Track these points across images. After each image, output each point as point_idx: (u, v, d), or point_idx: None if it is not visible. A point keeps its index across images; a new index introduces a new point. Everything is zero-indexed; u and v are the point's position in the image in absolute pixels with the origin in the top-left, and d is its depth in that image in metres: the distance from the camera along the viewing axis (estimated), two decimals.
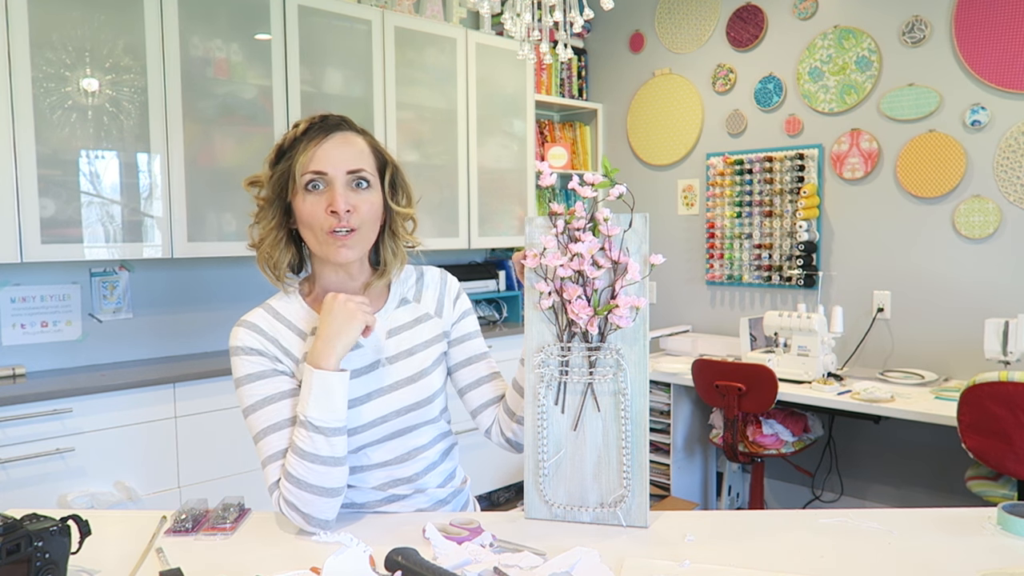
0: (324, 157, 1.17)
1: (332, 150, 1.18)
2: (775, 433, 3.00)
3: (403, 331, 1.28)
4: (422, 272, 1.36)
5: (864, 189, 3.40)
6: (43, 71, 2.40)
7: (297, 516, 1.13)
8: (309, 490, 1.11)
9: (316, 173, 1.17)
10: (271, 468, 1.16)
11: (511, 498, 3.76)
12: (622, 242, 1.15)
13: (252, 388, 1.18)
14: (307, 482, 1.11)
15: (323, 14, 3.07)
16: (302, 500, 1.12)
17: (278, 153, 1.22)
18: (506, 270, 3.98)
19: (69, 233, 2.50)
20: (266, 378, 1.18)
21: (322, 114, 1.23)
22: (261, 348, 1.19)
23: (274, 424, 1.17)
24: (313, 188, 1.18)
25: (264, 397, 1.18)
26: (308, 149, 1.18)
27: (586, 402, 1.17)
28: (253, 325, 1.21)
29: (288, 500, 1.13)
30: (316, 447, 1.12)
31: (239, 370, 1.19)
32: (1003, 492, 2.48)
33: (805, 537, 1.11)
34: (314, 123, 1.21)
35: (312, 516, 1.13)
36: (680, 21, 4.01)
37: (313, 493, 1.12)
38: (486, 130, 3.73)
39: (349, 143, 1.21)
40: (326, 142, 1.19)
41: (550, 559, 1.02)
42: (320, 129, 1.20)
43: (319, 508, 1.13)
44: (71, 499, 2.31)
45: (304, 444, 1.12)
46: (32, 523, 0.93)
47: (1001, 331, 2.73)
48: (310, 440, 1.12)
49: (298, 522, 1.14)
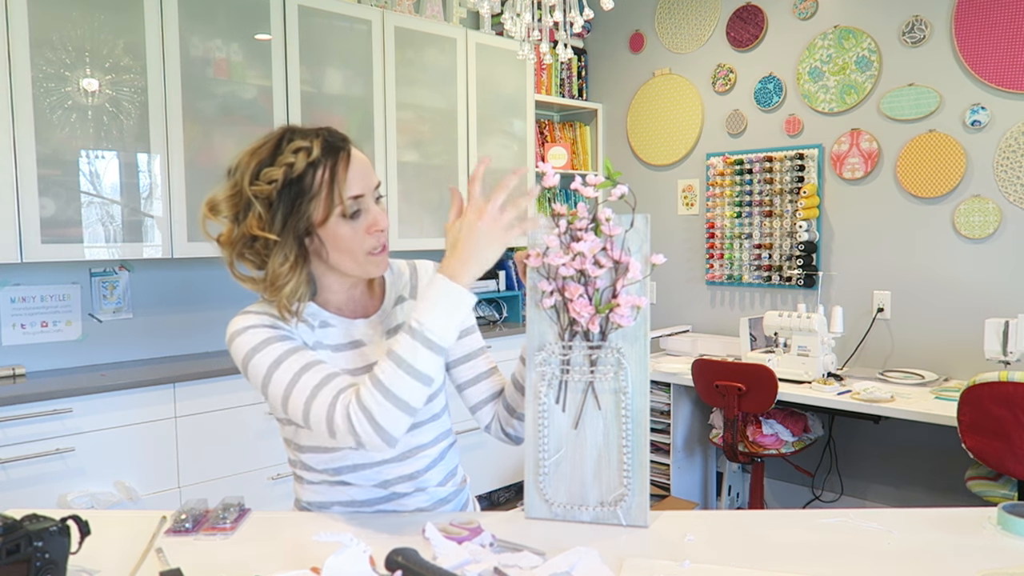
0: (357, 177, 1.13)
1: (360, 169, 1.14)
2: (775, 433, 3.00)
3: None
4: (415, 267, 1.35)
5: (864, 189, 3.40)
6: (43, 71, 2.40)
7: (367, 425, 1.04)
8: (393, 400, 1.03)
9: (356, 197, 1.13)
10: (324, 392, 1.07)
11: (511, 498, 3.76)
12: (623, 242, 1.16)
13: (269, 349, 1.12)
14: (394, 392, 1.03)
15: (323, 14, 3.07)
16: (381, 410, 1.03)
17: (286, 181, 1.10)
18: (506, 270, 3.98)
19: (69, 233, 2.50)
20: (280, 340, 1.13)
21: (324, 131, 1.15)
22: (269, 323, 1.15)
23: (307, 364, 1.10)
24: (356, 215, 1.13)
25: (287, 350, 1.11)
26: (339, 174, 1.11)
27: (587, 400, 1.18)
28: (256, 311, 1.18)
29: (365, 405, 1.04)
30: (416, 358, 1.04)
31: (248, 343, 1.12)
32: (1003, 492, 2.48)
33: (805, 537, 1.11)
34: (326, 142, 1.12)
35: (384, 428, 1.04)
36: (680, 21, 4.01)
37: (395, 405, 1.04)
38: (486, 130, 3.73)
39: (364, 158, 1.18)
40: (354, 162, 1.14)
41: (550, 559, 1.02)
42: (340, 150, 1.13)
43: (394, 422, 1.04)
44: (71, 499, 2.31)
45: (404, 352, 1.04)
46: (32, 523, 0.93)
47: (1001, 331, 2.73)
48: (413, 350, 1.04)
49: (366, 432, 1.04)
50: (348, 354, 1.23)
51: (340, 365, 1.21)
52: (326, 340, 1.22)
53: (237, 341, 1.14)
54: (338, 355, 1.22)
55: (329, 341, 1.22)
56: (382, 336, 1.26)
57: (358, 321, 1.25)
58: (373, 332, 1.26)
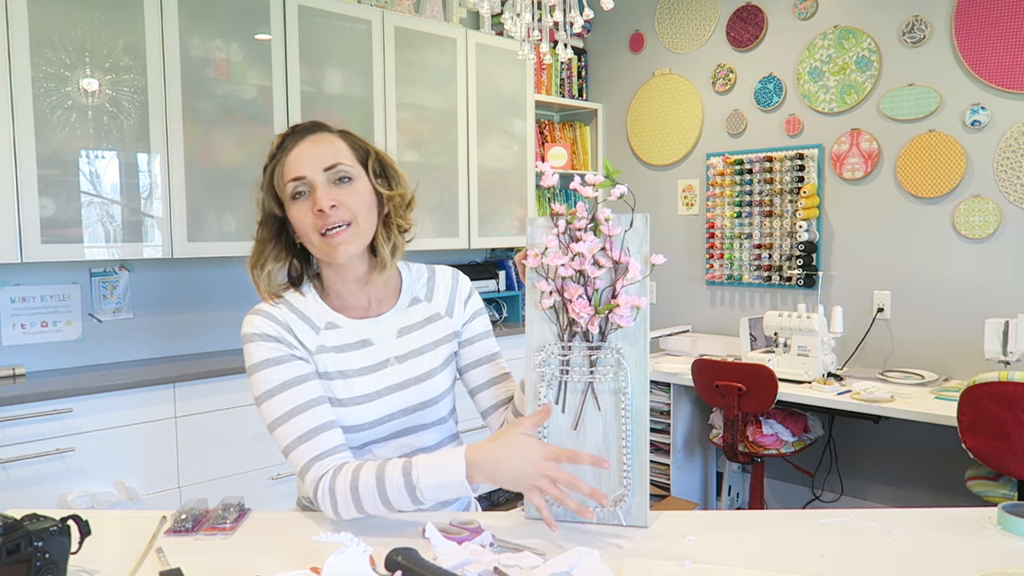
0: (297, 161, 1.18)
1: (305, 153, 1.19)
2: (775, 433, 3.00)
3: (413, 331, 1.29)
4: (433, 271, 1.36)
5: (864, 189, 3.40)
6: (43, 71, 2.40)
7: (329, 506, 1.12)
8: (359, 509, 1.11)
9: (296, 179, 1.18)
10: (302, 448, 1.14)
11: (511, 498, 3.76)
12: (623, 242, 1.16)
13: (270, 373, 1.17)
14: (364, 507, 1.11)
15: (323, 14, 3.07)
16: (346, 507, 1.11)
17: (264, 171, 1.23)
18: (506, 270, 3.98)
19: (69, 233, 2.50)
20: (284, 363, 1.18)
21: (294, 125, 1.24)
22: (277, 335, 1.19)
23: (298, 407, 1.16)
24: (298, 196, 1.18)
25: (283, 381, 1.17)
26: (282, 160, 1.19)
27: (587, 401, 1.17)
28: (268, 313, 1.21)
29: (335, 493, 1.11)
30: (399, 499, 1.10)
31: (254, 356, 1.18)
32: (1003, 492, 2.48)
33: (805, 537, 1.11)
34: (286, 134, 1.22)
35: (341, 515, 1.13)
36: (680, 21, 4.01)
37: (359, 511, 1.12)
38: (486, 130, 3.73)
39: (322, 142, 1.21)
40: (298, 147, 1.20)
41: (550, 559, 1.02)
42: (291, 138, 1.21)
43: (352, 515, 1.13)
44: (71, 499, 2.31)
45: (390, 487, 1.09)
46: (32, 523, 0.93)
47: (1001, 331, 2.73)
48: (398, 492, 1.09)
49: (325, 507, 1.13)
50: (355, 353, 1.24)
51: (346, 364, 1.22)
52: (329, 342, 1.23)
53: (246, 346, 1.20)
54: (343, 356, 1.23)
55: (333, 343, 1.23)
56: (393, 334, 1.27)
57: (367, 320, 1.26)
58: (383, 331, 1.27)
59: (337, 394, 1.21)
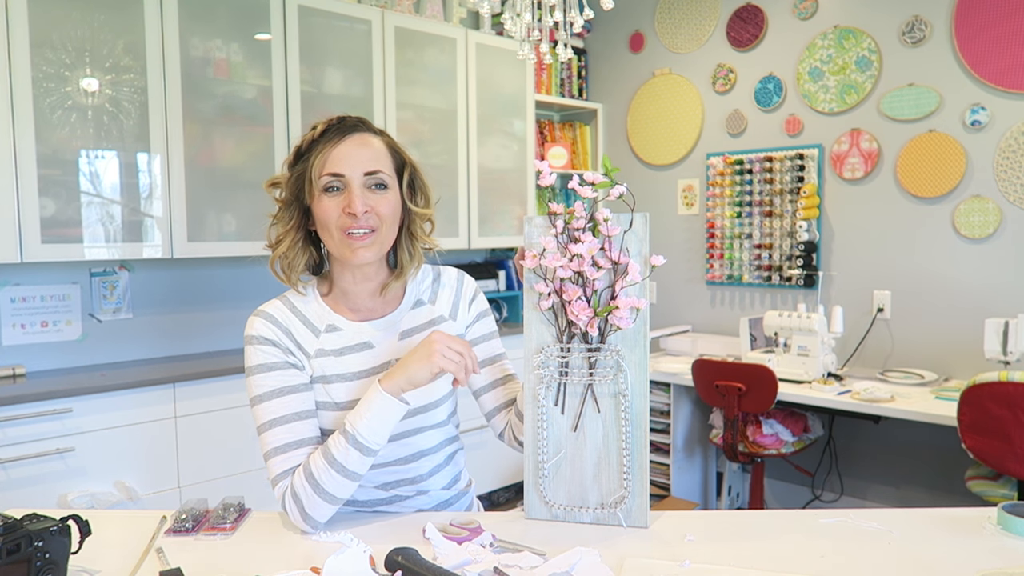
0: (341, 158, 1.18)
1: (349, 151, 1.19)
2: (775, 433, 3.00)
3: (416, 333, 1.28)
4: (439, 273, 1.36)
5: (864, 189, 3.40)
6: (43, 71, 2.40)
7: (297, 512, 1.14)
8: (322, 495, 1.12)
9: (333, 175, 1.18)
10: (277, 460, 1.17)
11: (511, 498, 3.76)
12: (622, 243, 1.15)
13: (262, 378, 1.19)
14: (324, 488, 1.12)
15: (323, 14, 3.07)
16: (310, 501, 1.12)
17: (296, 155, 1.22)
18: (506, 270, 3.98)
19: (69, 233, 2.50)
20: (277, 370, 1.19)
21: (339, 115, 1.23)
22: (275, 339, 1.20)
23: (280, 417, 1.18)
24: (331, 190, 1.18)
25: (273, 389, 1.18)
26: (325, 151, 1.18)
27: (586, 403, 1.17)
28: (269, 315, 1.22)
29: (296, 495, 1.13)
30: (348, 459, 1.12)
31: (251, 359, 1.20)
32: (1003, 492, 2.48)
33: (805, 537, 1.11)
34: (331, 125, 1.21)
35: (311, 516, 1.13)
36: (680, 21, 4.01)
37: (323, 499, 1.13)
38: (486, 130, 3.73)
39: (366, 144, 1.21)
40: (343, 144, 1.19)
41: (550, 559, 1.02)
42: (337, 131, 1.20)
43: (322, 512, 1.14)
44: (71, 499, 2.31)
45: (338, 454, 1.12)
46: (32, 523, 0.93)
47: (1001, 331, 2.73)
48: (345, 452, 1.12)
49: (295, 517, 1.14)
50: (355, 356, 1.24)
51: (345, 367, 1.23)
52: (329, 346, 1.23)
53: (245, 348, 1.22)
54: (342, 358, 1.23)
55: (333, 346, 1.24)
56: (395, 337, 1.27)
57: (368, 323, 1.26)
58: (383, 333, 1.27)
59: (336, 397, 1.21)
